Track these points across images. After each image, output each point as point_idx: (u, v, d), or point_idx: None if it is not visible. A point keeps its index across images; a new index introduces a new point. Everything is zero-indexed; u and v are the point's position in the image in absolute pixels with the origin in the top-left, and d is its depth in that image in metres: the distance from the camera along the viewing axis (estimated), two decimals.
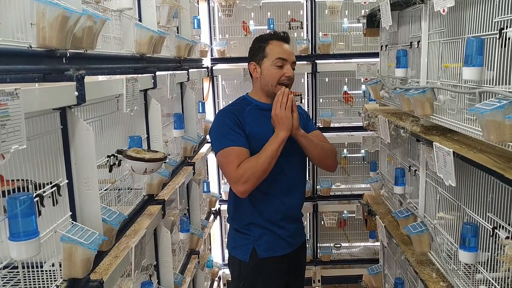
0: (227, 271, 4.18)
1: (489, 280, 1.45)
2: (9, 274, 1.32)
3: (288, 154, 1.94)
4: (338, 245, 4.40)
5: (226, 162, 1.86)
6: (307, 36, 4.08)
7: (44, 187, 1.25)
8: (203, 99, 4.00)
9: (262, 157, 1.81)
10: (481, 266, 1.50)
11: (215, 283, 3.96)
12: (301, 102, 4.18)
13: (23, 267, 1.25)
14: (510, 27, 1.26)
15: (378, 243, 3.18)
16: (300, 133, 1.89)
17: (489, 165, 1.29)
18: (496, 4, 1.33)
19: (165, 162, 1.98)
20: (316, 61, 4.00)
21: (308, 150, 1.96)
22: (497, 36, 1.29)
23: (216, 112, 2.92)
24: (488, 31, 1.37)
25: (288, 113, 1.79)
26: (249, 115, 1.94)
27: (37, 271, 1.31)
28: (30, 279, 1.29)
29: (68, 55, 1.30)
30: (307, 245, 2.25)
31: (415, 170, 2.14)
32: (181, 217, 2.77)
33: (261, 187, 1.91)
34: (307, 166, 2.12)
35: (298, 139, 1.90)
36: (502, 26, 1.29)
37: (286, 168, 1.94)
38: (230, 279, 2.16)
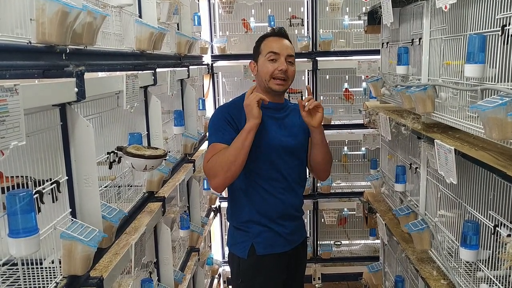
0: (227, 268, 4.18)
1: (490, 278, 1.45)
2: (9, 271, 1.31)
3: (286, 154, 1.93)
4: (338, 243, 4.40)
5: (205, 157, 1.88)
6: (307, 33, 4.06)
7: (43, 183, 1.24)
8: (204, 96, 4.00)
9: (228, 150, 1.79)
10: (482, 264, 1.49)
11: (215, 280, 3.96)
12: (301, 99, 4.16)
13: (23, 264, 1.25)
14: None
15: (379, 241, 3.18)
16: (322, 129, 1.91)
17: (491, 162, 1.28)
18: (498, 1, 1.32)
19: (165, 159, 1.98)
20: (316, 58, 3.99)
21: (320, 150, 1.96)
22: (499, 33, 1.29)
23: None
24: (490, 28, 1.36)
25: (250, 101, 1.77)
26: None
27: (37, 268, 1.30)
28: (29, 276, 1.28)
29: (68, 51, 1.29)
30: (307, 243, 2.24)
31: (416, 168, 2.14)
32: (181, 214, 2.77)
33: (259, 185, 1.92)
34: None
35: (320, 135, 1.92)
36: (504, 23, 1.28)
37: (283, 167, 1.94)
38: (230, 276, 2.16)
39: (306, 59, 4.01)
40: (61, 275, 1.27)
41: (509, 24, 1.26)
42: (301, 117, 2.02)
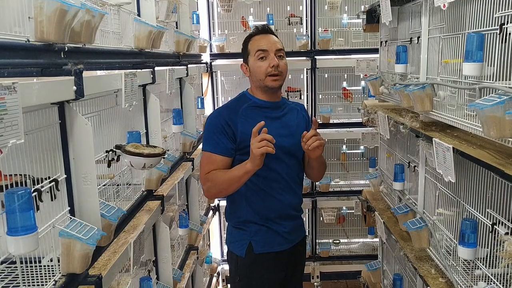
0: (226, 267, 4.18)
1: (488, 276, 1.45)
2: (7, 269, 1.31)
3: (284, 153, 1.93)
4: (337, 241, 4.40)
5: (201, 165, 1.94)
6: (306, 31, 4.06)
7: (42, 182, 1.24)
8: (202, 95, 4.00)
9: (225, 177, 1.83)
10: (480, 262, 1.50)
11: (214, 279, 3.96)
12: (300, 98, 4.18)
13: (21, 262, 1.25)
14: (510, 22, 1.25)
15: (377, 239, 3.18)
16: (320, 157, 1.90)
17: (489, 161, 1.28)
18: None
19: (164, 158, 1.97)
20: (315, 57, 3.99)
21: (312, 168, 2.01)
22: (498, 31, 1.29)
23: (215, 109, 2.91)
24: (489, 27, 1.36)
25: (256, 151, 1.69)
26: (244, 114, 1.91)
27: (35, 266, 1.30)
28: (28, 274, 1.28)
29: (66, 49, 1.29)
30: (306, 241, 2.24)
31: (415, 166, 2.14)
32: (180, 212, 2.77)
33: (256, 185, 1.91)
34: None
35: (317, 160, 1.93)
36: (502, 22, 1.28)
37: (282, 166, 1.93)
38: (229, 274, 2.16)
39: (305, 58, 4.01)
40: (59, 273, 1.27)
41: (507, 23, 1.26)
42: (299, 117, 2.03)
